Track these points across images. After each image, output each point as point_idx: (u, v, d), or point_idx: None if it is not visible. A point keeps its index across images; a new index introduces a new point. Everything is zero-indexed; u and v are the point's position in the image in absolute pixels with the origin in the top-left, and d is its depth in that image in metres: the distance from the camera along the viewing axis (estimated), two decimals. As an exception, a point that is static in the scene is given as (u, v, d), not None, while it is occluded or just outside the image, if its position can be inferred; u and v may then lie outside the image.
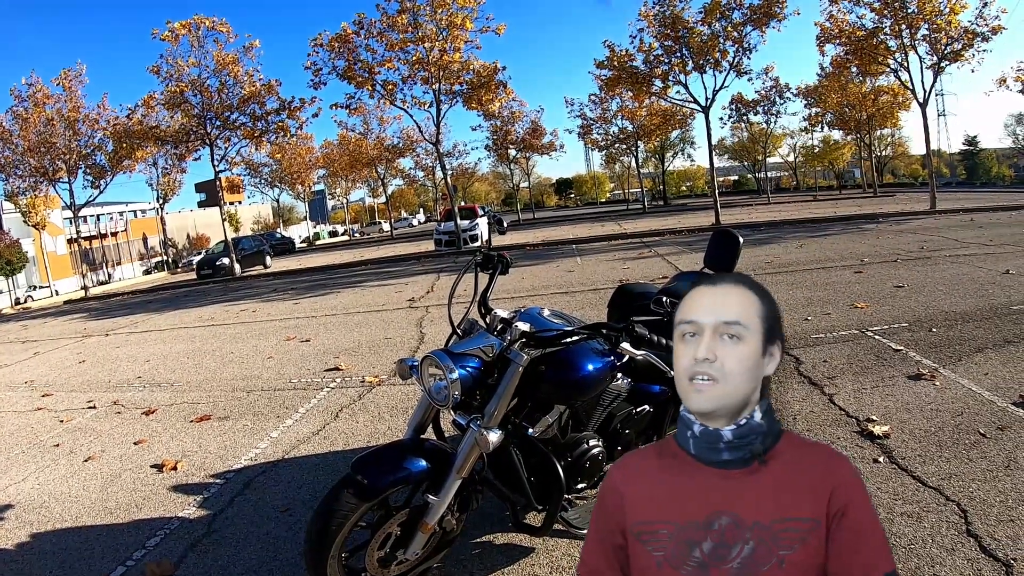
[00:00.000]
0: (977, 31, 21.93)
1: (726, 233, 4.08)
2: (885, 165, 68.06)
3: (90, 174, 26.92)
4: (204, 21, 23.16)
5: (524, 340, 2.52)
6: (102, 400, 6.86)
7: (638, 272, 12.54)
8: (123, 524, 3.88)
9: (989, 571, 2.58)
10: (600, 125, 42.89)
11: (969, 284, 8.05)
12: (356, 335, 8.88)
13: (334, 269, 22.64)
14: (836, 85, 36.20)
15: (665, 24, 23.31)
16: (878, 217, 20.88)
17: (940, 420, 4.07)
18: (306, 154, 46.70)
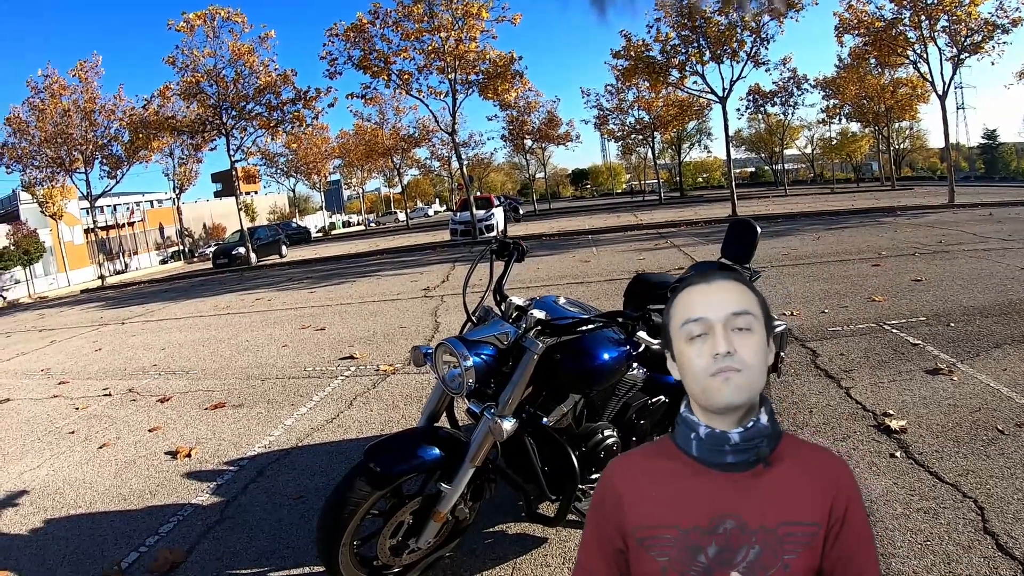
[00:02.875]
0: (997, 23, 21.59)
1: (744, 223, 4.03)
2: (903, 158, 67.46)
3: (106, 164, 27.06)
4: (219, 12, 23.19)
5: (539, 328, 2.50)
6: (117, 388, 6.91)
7: (654, 263, 12.48)
8: (136, 510, 3.90)
9: (1006, 570, 2.54)
10: (616, 115, 42.59)
11: (988, 279, 7.95)
12: (371, 324, 8.89)
13: (349, 259, 22.67)
14: (854, 76, 35.79)
15: (682, 13, 23.10)
16: (896, 210, 20.66)
17: (958, 416, 4.02)
18: (322, 144, 46.74)
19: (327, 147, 47.86)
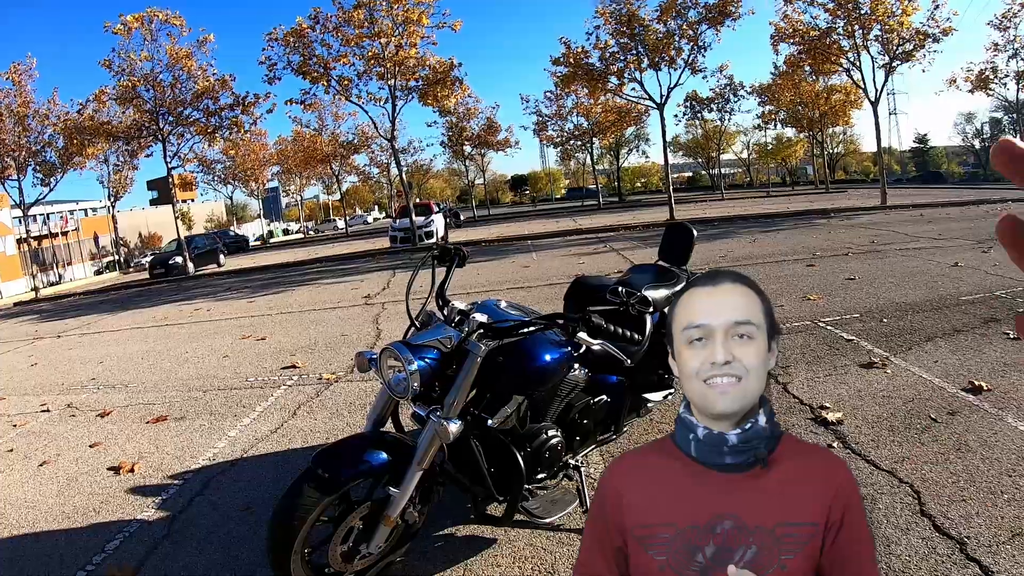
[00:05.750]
0: (928, 32, 22.46)
1: (680, 226, 4.16)
2: (837, 162, 69.61)
3: (40, 171, 26.08)
4: (157, 14, 22.68)
5: (482, 331, 2.53)
6: (56, 403, 6.70)
7: (593, 267, 12.64)
8: (82, 528, 3.80)
9: (943, 548, 2.68)
10: (555, 122, 43.06)
11: (919, 276, 8.28)
12: (312, 333, 8.81)
13: (289, 267, 22.36)
14: (789, 84, 36.79)
15: (621, 21, 23.51)
16: (830, 212, 21.30)
17: (892, 406, 4.20)
18: (260, 150, 46.00)
19: (265, 153, 47.12)
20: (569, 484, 3.20)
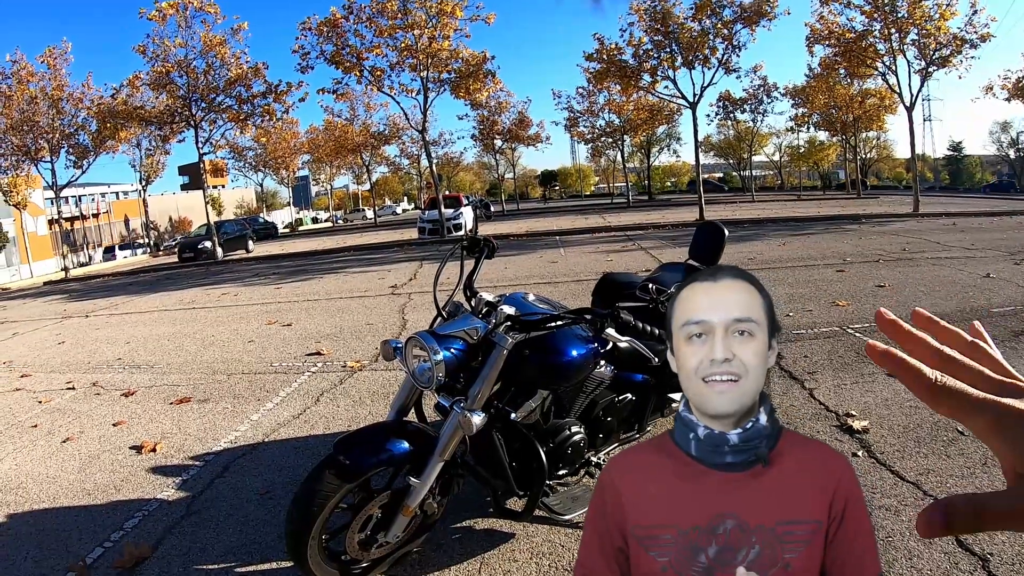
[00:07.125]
0: (966, 38, 22.03)
1: (712, 226, 4.10)
2: (869, 167, 68.66)
3: (73, 154, 26.59)
4: (192, 1, 22.88)
5: (509, 324, 2.52)
6: (81, 381, 6.79)
7: (621, 264, 12.57)
8: (101, 505, 3.84)
9: (966, 564, 2.61)
10: (587, 118, 42.94)
11: (950, 286, 8.13)
12: (338, 320, 8.84)
13: (316, 255, 22.49)
14: (823, 86, 36.24)
15: (655, 19, 23.36)
16: (861, 218, 21.03)
17: (919, 417, 4.10)
18: (291, 139, 46.29)
19: (296, 142, 47.40)
20: (590, 482, 3.17)
